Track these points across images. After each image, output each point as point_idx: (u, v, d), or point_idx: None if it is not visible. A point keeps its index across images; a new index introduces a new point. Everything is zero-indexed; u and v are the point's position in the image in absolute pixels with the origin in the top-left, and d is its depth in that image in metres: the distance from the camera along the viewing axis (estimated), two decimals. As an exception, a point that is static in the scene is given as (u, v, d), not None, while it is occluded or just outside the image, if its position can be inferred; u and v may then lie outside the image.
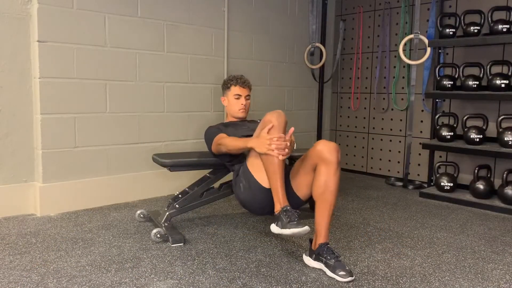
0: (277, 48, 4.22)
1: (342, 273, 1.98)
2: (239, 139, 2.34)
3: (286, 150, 2.13)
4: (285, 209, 2.07)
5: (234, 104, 2.70)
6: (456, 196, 3.44)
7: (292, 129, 2.21)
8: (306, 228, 1.98)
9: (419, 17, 3.76)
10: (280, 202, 2.10)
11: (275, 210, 2.13)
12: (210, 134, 2.58)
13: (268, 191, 2.18)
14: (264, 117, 2.24)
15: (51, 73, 2.88)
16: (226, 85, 2.74)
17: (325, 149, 2.09)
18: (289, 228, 1.99)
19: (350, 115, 4.64)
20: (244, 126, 2.66)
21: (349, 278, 1.97)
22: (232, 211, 3.10)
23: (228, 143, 2.36)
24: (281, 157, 2.12)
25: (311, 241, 2.20)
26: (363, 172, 4.56)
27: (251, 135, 2.37)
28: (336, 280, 1.99)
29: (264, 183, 2.22)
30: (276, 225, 2.08)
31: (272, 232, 2.09)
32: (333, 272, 2.01)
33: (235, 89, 2.69)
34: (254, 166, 2.26)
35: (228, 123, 2.71)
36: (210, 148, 2.58)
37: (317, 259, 2.10)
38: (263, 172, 2.20)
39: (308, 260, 2.17)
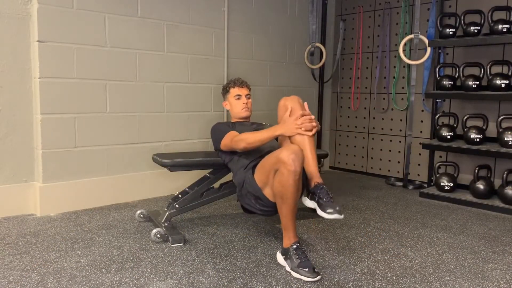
0: (277, 48, 4.22)
1: (330, 210, 2.02)
2: (260, 131, 2.33)
3: (314, 123, 2.23)
4: (295, 246, 2.08)
5: (236, 105, 2.72)
6: (456, 196, 3.44)
7: (306, 103, 2.34)
8: (319, 278, 1.99)
9: (419, 17, 3.76)
10: (290, 237, 2.11)
11: (284, 244, 2.14)
12: (219, 130, 2.57)
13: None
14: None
15: (51, 73, 2.88)
16: (225, 90, 2.80)
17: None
18: (301, 275, 2.00)
19: (350, 115, 4.64)
20: (251, 126, 2.67)
21: (336, 215, 2.01)
22: (232, 211, 3.10)
23: (249, 137, 2.33)
24: (310, 133, 2.22)
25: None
26: (363, 172, 4.56)
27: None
28: (337, 281, 1.99)
29: (274, 199, 2.21)
30: (285, 259, 2.11)
31: (278, 261, 2.18)
32: (323, 210, 2.05)
33: (234, 91, 2.73)
34: (263, 181, 2.22)
35: (235, 122, 2.72)
36: (218, 143, 2.54)
37: (312, 198, 2.16)
38: (270, 186, 2.19)
39: (304, 200, 2.22)
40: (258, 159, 2.37)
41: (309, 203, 2.17)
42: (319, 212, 2.08)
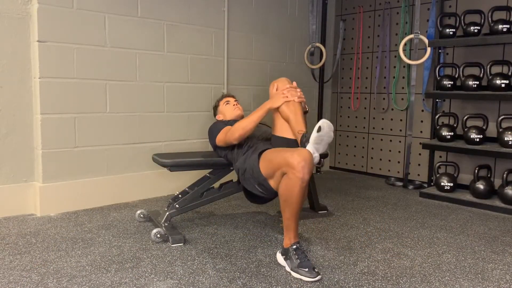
0: (277, 48, 4.22)
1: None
2: (251, 114, 2.45)
3: (299, 93, 2.41)
4: (295, 247, 2.08)
5: (227, 109, 2.87)
6: (456, 196, 3.44)
7: (295, 82, 2.48)
8: (319, 278, 1.98)
9: (419, 17, 3.76)
10: (290, 238, 2.12)
11: (284, 244, 2.15)
12: (216, 127, 2.68)
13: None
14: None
15: (51, 73, 2.88)
16: (215, 106, 2.99)
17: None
18: (301, 275, 2.00)
19: (350, 115, 4.64)
20: None
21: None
22: (232, 211, 3.10)
23: (241, 122, 2.46)
24: (297, 99, 2.37)
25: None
26: (363, 172, 4.56)
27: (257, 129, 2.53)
28: (337, 281, 1.99)
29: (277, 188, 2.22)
30: (285, 259, 2.12)
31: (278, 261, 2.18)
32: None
33: (222, 101, 2.94)
34: (268, 174, 2.22)
35: (230, 120, 2.79)
36: (214, 139, 2.61)
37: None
38: (275, 179, 2.20)
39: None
40: (255, 144, 2.43)
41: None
42: (310, 140, 2.12)
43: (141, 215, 2.80)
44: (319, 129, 2.08)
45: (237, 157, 2.50)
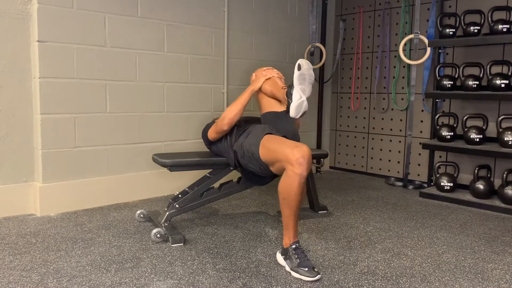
0: (277, 48, 4.22)
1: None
2: (237, 99, 2.56)
3: (276, 71, 2.61)
4: (294, 246, 2.08)
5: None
6: (456, 196, 3.44)
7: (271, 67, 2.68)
8: (318, 277, 1.98)
9: (419, 17, 3.76)
10: (290, 237, 2.12)
11: (283, 244, 2.15)
12: (207, 127, 2.76)
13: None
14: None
15: (51, 73, 2.88)
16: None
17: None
18: (301, 274, 2.00)
19: (350, 115, 4.64)
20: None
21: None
22: (232, 211, 3.10)
23: (230, 107, 2.55)
24: (276, 75, 2.57)
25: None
26: (363, 172, 4.56)
27: (252, 121, 2.62)
28: (337, 281, 1.99)
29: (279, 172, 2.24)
30: (284, 259, 2.12)
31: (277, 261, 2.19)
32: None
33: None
34: (269, 162, 2.25)
35: None
36: (206, 136, 2.69)
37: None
38: (275, 167, 2.22)
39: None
40: (248, 126, 2.50)
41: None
42: (293, 92, 2.21)
43: (141, 215, 2.80)
44: (299, 67, 2.19)
45: (232, 143, 2.54)
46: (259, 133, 2.35)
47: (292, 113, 2.19)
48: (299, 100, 2.15)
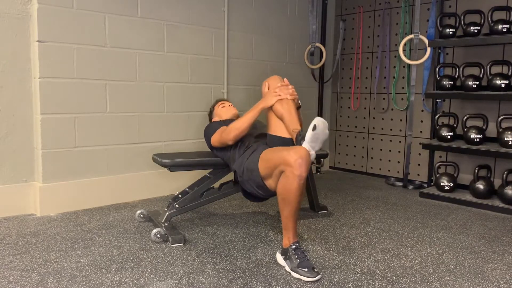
0: (277, 48, 4.22)
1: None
2: (245, 114, 2.45)
3: (291, 90, 2.38)
4: (294, 247, 2.08)
5: (223, 110, 2.95)
6: (456, 196, 3.44)
7: (286, 79, 2.46)
8: (318, 277, 1.98)
9: (419, 17, 3.76)
10: (289, 237, 2.11)
11: (283, 244, 2.15)
12: (211, 127, 2.70)
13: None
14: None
15: (51, 73, 2.88)
16: (210, 111, 3.09)
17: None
18: (301, 274, 2.00)
19: (350, 115, 4.64)
20: None
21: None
22: (232, 211, 3.10)
23: (236, 123, 2.47)
24: (290, 97, 2.35)
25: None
26: (363, 172, 4.56)
27: (254, 127, 2.55)
28: (337, 281, 1.99)
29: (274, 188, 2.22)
30: (284, 260, 2.11)
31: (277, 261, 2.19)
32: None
33: (218, 105, 3.03)
34: (266, 173, 2.22)
35: (226, 120, 2.83)
36: (209, 140, 2.64)
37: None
38: (273, 179, 2.20)
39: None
40: (253, 143, 2.44)
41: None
42: (306, 139, 2.10)
43: (141, 215, 2.80)
44: (314, 128, 2.08)
45: (235, 158, 2.51)
46: (260, 151, 2.34)
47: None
48: None
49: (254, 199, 2.57)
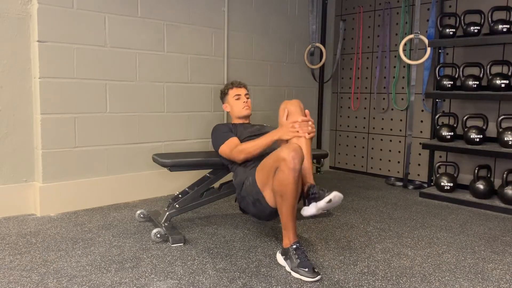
0: (277, 48, 4.22)
1: (328, 194, 2.10)
2: (259, 139, 2.39)
3: (310, 128, 2.28)
4: (295, 247, 2.08)
5: (236, 104, 2.79)
6: (456, 196, 3.44)
7: (308, 111, 2.35)
8: (319, 278, 1.98)
9: (419, 17, 3.76)
10: (290, 237, 2.11)
11: (283, 244, 2.14)
12: (220, 131, 2.63)
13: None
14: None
15: (51, 73, 2.88)
16: (223, 92, 2.88)
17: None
18: (301, 275, 1.99)
19: (350, 115, 4.64)
20: (253, 128, 2.70)
21: (335, 193, 2.06)
22: (232, 211, 3.10)
23: (248, 147, 2.41)
24: (307, 136, 2.26)
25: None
26: (363, 172, 4.56)
27: (262, 134, 2.46)
28: (337, 281, 1.99)
29: (273, 204, 2.21)
30: (284, 259, 2.11)
31: (277, 261, 2.18)
32: (321, 198, 2.10)
33: (232, 91, 2.81)
34: (263, 181, 2.22)
35: (236, 124, 2.77)
36: (217, 147, 2.59)
37: (309, 202, 2.17)
38: (270, 187, 2.19)
39: (303, 211, 2.18)
40: (257, 161, 2.38)
41: (308, 210, 2.14)
42: (319, 204, 2.08)
43: (141, 215, 2.80)
44: (329, 201, 2.10)
45: (238, 173, 2.50)
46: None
47: (302, 212, 2.17)
48: (313, 213, 2.14)
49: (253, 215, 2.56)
